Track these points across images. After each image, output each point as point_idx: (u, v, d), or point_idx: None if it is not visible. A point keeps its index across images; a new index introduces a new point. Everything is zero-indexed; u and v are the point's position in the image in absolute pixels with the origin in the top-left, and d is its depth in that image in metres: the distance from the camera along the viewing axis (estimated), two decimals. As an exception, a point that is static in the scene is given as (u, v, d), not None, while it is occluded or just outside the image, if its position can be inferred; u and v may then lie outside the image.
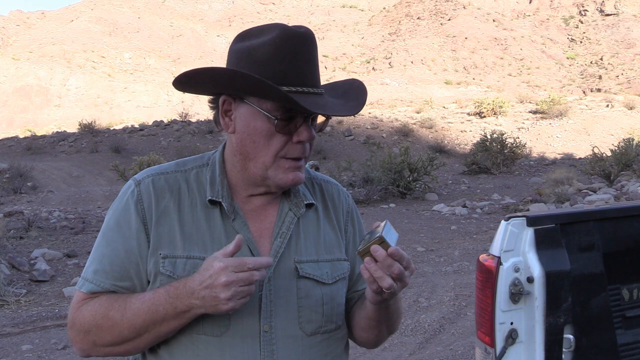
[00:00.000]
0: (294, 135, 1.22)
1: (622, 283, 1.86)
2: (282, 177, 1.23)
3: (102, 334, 1.20)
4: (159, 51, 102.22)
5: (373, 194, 17.47)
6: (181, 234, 1.24)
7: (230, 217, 1.26)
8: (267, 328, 1.23)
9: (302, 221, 1.33)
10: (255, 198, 1.31)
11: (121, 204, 1.28)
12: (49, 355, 5.64)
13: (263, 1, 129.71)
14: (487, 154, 25.29)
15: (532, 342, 1.71)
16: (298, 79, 1.20)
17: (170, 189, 1.28)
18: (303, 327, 1.27)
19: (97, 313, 1.21)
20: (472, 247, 9.96)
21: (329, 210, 1.40)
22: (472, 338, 5.30)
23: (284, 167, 1.23)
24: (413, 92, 69.15)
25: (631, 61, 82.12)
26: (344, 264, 1.36)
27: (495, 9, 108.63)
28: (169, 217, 1.26)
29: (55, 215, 14.04)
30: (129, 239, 1.24)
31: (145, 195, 1.26)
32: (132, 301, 1.20)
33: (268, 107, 1.21)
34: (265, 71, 1.19)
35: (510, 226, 1.72)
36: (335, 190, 1.45)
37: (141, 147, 35.97)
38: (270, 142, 1.22)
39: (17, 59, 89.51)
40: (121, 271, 1.24)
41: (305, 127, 1.21)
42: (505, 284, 1.70)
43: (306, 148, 1.25)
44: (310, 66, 1.22)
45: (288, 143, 1.22)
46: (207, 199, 1.27)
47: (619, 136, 33.57)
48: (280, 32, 1.21)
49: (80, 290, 1.26)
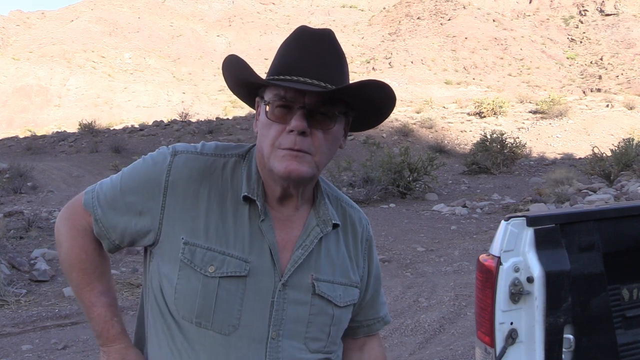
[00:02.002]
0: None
1: (622, 283, 1.86)
2: (276, 166, 1.22)
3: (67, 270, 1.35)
4: (159, 51, 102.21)
5: (373, 194, 17.47)
6: (205, 223, 1.23)
7: (260, 217, 1.25)
8: (274, 335, 1.23)
9: (325, 239, 1.32)
10: (284, 206, 1.30)
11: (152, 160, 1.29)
12: (49, 355, 5.63)
13: (263, 1, 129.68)
14: (487, 154, 25.29)
15: (532, 342, 1.71)
16: (292, 70, 1.21)
17: (205, 173, 1.27)
18: (307, 344, 1.26)
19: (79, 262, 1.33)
20: (472, 247, 9.95)
21: (348, 235, 1.39)
22: (472, 338, 5.30)
23: (279, 156, 1.22)
24: (413, 92, 69.15)
25: (631, 61, 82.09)
26: (355, 291, 1.36)
27: (495, 9, 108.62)
28: (198, 202, 1.24)
29: (55, 215, 14.03)
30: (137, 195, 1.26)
31: (176, 169, 1.25)
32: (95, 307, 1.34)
33: (267, 98, 1.24)
34: (276, 65, 1.24)
35: (510, 226, 1.72)
36: (358, 217, 1.44)
37: (141, 147, 35.95)
38: (268, 132, 1.23)
39: (17, 59, 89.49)
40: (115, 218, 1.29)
41: (297, 117, 1.20)
42: (505, 284, 1.70)
43: (300, 140, 1.20)
44: (317, 60, 1.22)
45: (283, 133, 1.22)
46: (242, 194, 1.26)
47: (619, 136, 33.56)
48: (296, 31, 1.26)
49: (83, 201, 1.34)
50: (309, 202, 1.34)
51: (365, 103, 1.28)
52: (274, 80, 1.22)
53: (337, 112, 1.24)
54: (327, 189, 1.41)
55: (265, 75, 1.29)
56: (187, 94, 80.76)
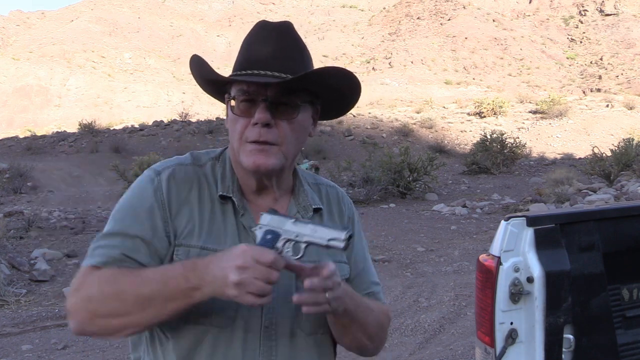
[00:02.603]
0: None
1: (622, 283, 1.86)
2: (245, 160, 1.25)
3: (106, 301, 1.16)
4: (159, 51, 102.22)
5: (373, 194, 17.47)
6: (200, 225, 1.26)
7: (240, 212, 1.29)
8: (267, 323, 1.24)
9: None
10: (262, 198, 1.33)
11: (138, 189, 1.28)
12: (49, 355, 5.63)
13: (263, 1, 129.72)
14: (487, 154, 25.30)
15: (532, 342, 1.71)
16: (252, 64, 1.25)
17: (192, 181, 1.30)
18: (302, 327, 1.28)
19: (106, 279, 1.17)
20: (472, 247, 9.96)
21: (334, 215, 1.42)
22: (472, 338, 5.30)
23: (246, 151, 1.25)
24: (413, 92, 69.14)
25: (631, 61, 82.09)
26: (344, 267, 1.37)
27: (495, 9, 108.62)
28: (190, 207, 1.27)
29: (55, 215, 14.05)
30: (143, 222, 1.24)
31: (165, 184, 1.27)
32: (144, 270, 1.18)
33: (232, 94, 1.28)
34: (238, 61, 1.28)
35: (510, 226, 1.72)
36: (340, 196, 1.48)
37: (141, 147, 35.96)
38: (235, 127, 1.27)
39: (17, 59, 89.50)
40: (132, 247, 1.22)
41: (260, 110, 1.22)
42: (505, 284, 1.70)
43: (265, 132, 1.22)
44: (277, 53, 1.25)
45: (248, 126, 1.24)
46: (218, 194, 1.29)
47: (619, 136, 33.55)
48: (256, 25, 1.30)
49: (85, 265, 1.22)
50: (288, 192, 1.37)
51: (327, 90, 1.30)
52: (235, 76, 1.26)
53: (299, 102, 1.26)
54: (306, 176, 1.45)
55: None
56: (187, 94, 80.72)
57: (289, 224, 1.16)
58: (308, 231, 1.14)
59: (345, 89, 1.32)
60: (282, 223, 1.17)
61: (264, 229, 1.18)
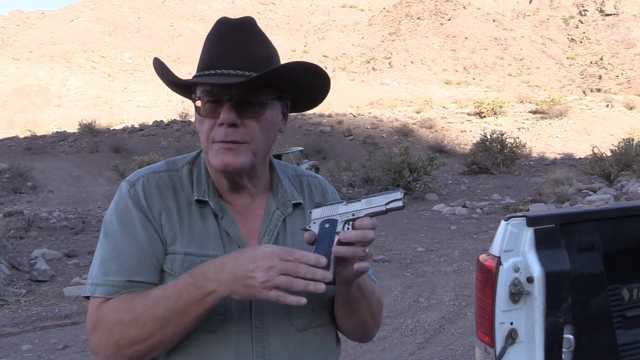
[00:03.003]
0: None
1: (622, 283, 1.86)
2: (213, 161, 1.24)
3: (126, 329, 1.16)
4: (159, 51, 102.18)
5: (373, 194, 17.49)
6: (180, 231, 1.25)
7: (219, 215, 1.27)
8: (258, 324, 1.23)
9: (289, 219, 1.34)
10: (239, 197, 1.32)
11: (120, 205, 1.27)
12: (49, 355, 5.64)
13: (263, 1, 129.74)
14: (487, 154, 25.31)
15: (532, 342, 1.71)
16: (214, 64, 1.23)
17: (166, 187, 1.29)
18: (294, 323, 1.27)
19: (119, 308, 1.17)
20: (472, 247, 9.96)
21: None
22: (472, 338, 5.30)
23: (214, 150, 1.24)
24: (413, 92, 69.18)
25: (631, 61, 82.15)
26: None
27: (495, 9, 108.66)
28: (169, 214, 1.26)
29: (55, 215, 14.05)
30: (137, 236, 1.23)
31: (142, 195, 1.26)
32: (154, 291, 1.17)
33: (198, 95, 1.26)
34: (201, 60, 1.26)
35: (510, 226, 1.72)
36: (323, 186, 1.46)
37: (141, 147, 35.99)
38: (202, 128, 1.26)
39: (17, 59, 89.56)
40: (134, 268, 1.21)
41: (225, 110, 1.21)
42: (505, 284, 1.70)
43: (231, 132, 1.21)
44: (240, 50, 1.23)
45: (215, 127, 1.23)
46: (194, 198, 1.28)
47: (619, 136, 33.58)
48: (217, 23, 1.29)
49: (94, 296, 1.21)
50: (266, 189, 1.36)
51: (294, 86, 1.28)
52: (198, 77, 1.25)
53: (265, 99, 1.24)
54: (285, 169, 1.44)
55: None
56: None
57: (342, 207, 1.18)
58: (363, 205, 1.16)
59: (313, 83, 1.30)
60: (334, 210, 1.18)
61: (319, 221, 1.19)
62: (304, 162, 24.01)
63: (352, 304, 1.30)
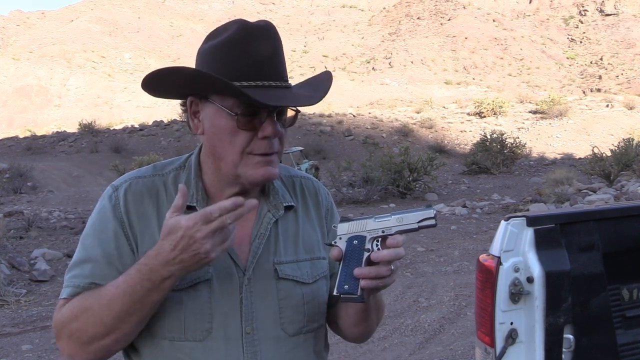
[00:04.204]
0: (259, 131, 1.20)
1: (622, 283, 1.86)
2: (252, 174, 1.21)
3: (84, 327, 1.16)
4: (159, 51, 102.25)
5: (373, 194, 17.49)
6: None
7: None
8: (249, 330, 1.22)
9: (281, 222, 1.32)
10: None
11: (98, 210, 1.27)
12: (49, 355, 5.64)
13: (263, 1, 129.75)
14: (487, 154, 25.32)
15: (532, 342, 1.71)
16: (257, 74, 1.19)
17: (149, 193, 1.27)
18: (285, 328, 1.26)
19: (74, 307, 1.18)
20: (472, 247, 9.96)
21: (309, 207, 1.39)
22: (472, 338, 5.30)
23: (252, 163, 1.21)
24: (413, 92, 69.19)
25: (631, 61, 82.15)
26: (323, 263, 1.35)
27: (495, 9, 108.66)
28: (149, 222, 1.24)
29: (55, 215, 14.05)
30: (107, 243, 1.22)
31: (123, 200, 1.25)
32: (106, 288, 1.16)
33: (229, 104, 1.19)
34: (227, 68, 1.18)
35: (510, 226, 1.72)
36: (316, 188, 1.44)
37: (141, 147, 36.00)
38: (235, 140, 1.20)
39: (17, 59, 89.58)
40: (100, 274, 1.21)
41: (270, 122, 1.18)
42: (505, 284, 1.70)
43: (273, 143, 1.21)
44: (271, 60, 1.20)
45: (254, 139, 1.20)
46: None
47: (619, 136, 33.57)
48: (238, 27, 1.21)
49: (60, 298, 1.23)
50: (259, 191, 1.33)
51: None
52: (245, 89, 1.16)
53: (297, 109, 1.25)
54: (279, 171, 1.40)
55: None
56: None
57: (371, 223, 1.15)
58: (394, 222, 1.14)
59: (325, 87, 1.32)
60: (362, 225, 1.15)
61: (346, 237, 1.16)
62: (304, 162, 24.01)
63: (365, 313, 1.30)
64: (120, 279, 1.16)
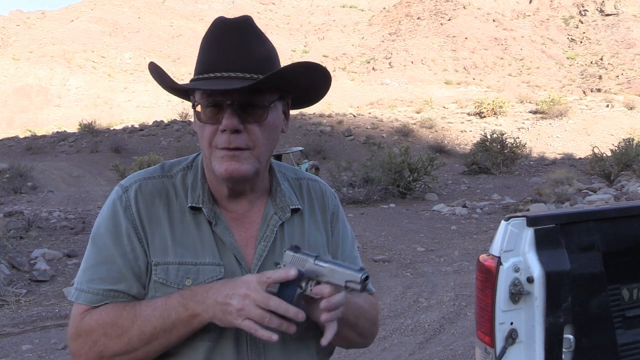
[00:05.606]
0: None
1: (622, 283, 1.86)
2: (217, 168, 1.20)
3: (110, 343, 1.16)
4: (159, 51, 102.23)
5: (373, 194, 17.49)
6: (172, 240, 1.22)
7: (212, 222, 1.24)
8: None
9: (287, 225, 1.31)
10: (237, 203, 1.28)
11: (109, 210, 1.26)
12: (49, 355, 5.64)
13: (263, 1, 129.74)
14: (487, 154, 25.30)
15: (532, 342, 1.71)
16: (216, 66, 1.18)
17: (159, 194, 1.26)
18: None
19: (105, 322, 1.17)
20: (472, 247, 9.96)
21: (315, 210, 1.38)
22: (472, 338, 5.30)
23: (218, 157, 1.20)
24: (413, 92, 69.18)
25: (631, 61, 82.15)
26: None
27: (495, 9, 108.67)
28: (160, 223, 1.23)
29: (55, 215, 14.04)
30: (122, 244, 1.22)
31: (134, 201, 1.24)
32: (142, 308, 1.17)
33: (197, 98, 1.21)
34: (200, 63, 1.21)
35: (510, 226, 1.72)
36: (323, 190, 1.42)
37: (141, 147, 35.99)
38: (203, 133, 1.21)
39: (17, 59, 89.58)
40: (118, 276, 1.20)
41: (227, 116, 1.16)
42: (505, 284, 1.70)
43: (235, 138, 1.17)
44: (239, 51, 1.19)
45: (217, 132, 1.19)
46: (188, 205, 1.25)
47: (619, 136, 33.58)
48: (213, 23, 1.24)
49: (78, 302, 1.21)
50: (265, 193, 1.32)
51: (296, 86, 1.25)
52: (197, 81, 1.19)
53: (267, 103, 1.20)
54: (285, 172, 1.39)
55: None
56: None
57: (310, 264, 1.15)
58: (327, 272, 1.14)
59: (314, 81, 1.27)
60: (303, 262, 1.15)
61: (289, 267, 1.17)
62: (304, 162, 24.01)
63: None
64: (159, 300, 1.17)
